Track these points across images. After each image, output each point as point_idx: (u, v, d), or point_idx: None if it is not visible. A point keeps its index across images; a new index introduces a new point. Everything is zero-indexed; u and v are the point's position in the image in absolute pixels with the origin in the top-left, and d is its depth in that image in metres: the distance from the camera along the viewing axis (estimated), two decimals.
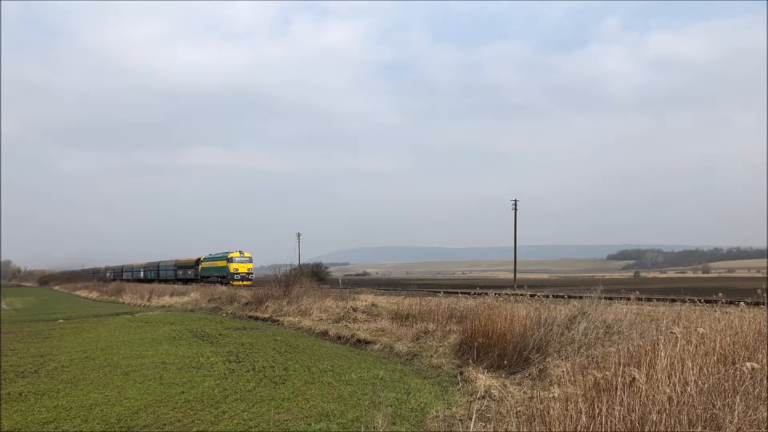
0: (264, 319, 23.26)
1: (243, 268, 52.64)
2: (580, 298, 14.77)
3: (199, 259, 61.29)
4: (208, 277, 56.89)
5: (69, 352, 14.97)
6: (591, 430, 4.98)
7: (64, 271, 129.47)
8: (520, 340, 10.74)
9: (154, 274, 74.43)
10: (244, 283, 48.39)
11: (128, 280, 74.30)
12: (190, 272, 62.74)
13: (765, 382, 5.34)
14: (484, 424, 7.12)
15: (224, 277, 51.71)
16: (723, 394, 5.22)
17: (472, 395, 8.42)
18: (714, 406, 5.03)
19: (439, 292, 30.31)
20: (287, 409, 8.42)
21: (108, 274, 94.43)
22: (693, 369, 5.60)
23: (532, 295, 18.64)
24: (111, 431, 7.61)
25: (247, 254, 53.78)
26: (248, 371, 11.58)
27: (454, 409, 7.95)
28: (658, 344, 6.31)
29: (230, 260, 52.72)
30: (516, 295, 20.37)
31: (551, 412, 5.34)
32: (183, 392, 9.73)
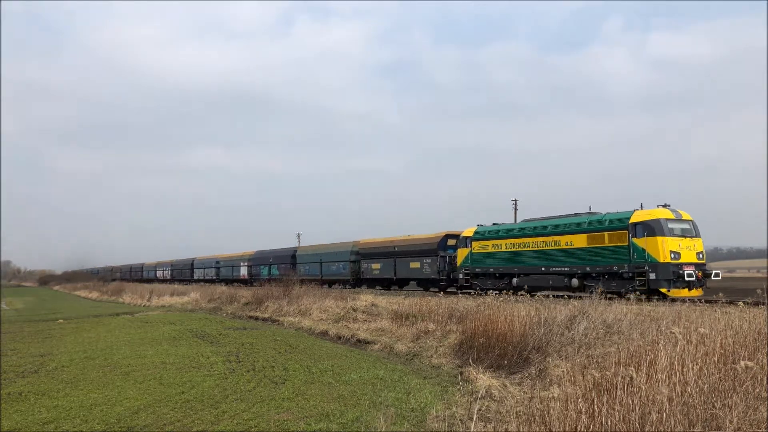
0: (264, 319, 23.27)
1: (690, 253, 20.56)
2: (580, 298, 14.80)
3: (447, 238, 30.16)
4: (523, 275, 25.42)
5: (69, 352, 14.96)
6: (591, 430, 4.98)
7: (64, 271, 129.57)
8: (520, 340, 10.74)
9: (281, 270, 42.20)
10: (693, 293, 20.06)
11: (209, 281, 49.47)
12: (425, 265, 31.36)
13: (765, 382, 5.34)
14: (484, 424, 7.12)
15: (621, 278, 21.16)
16: (723, 394, 5.23)
17: (472, 395, 8.42)
18: (714, 406, 5.04)
19: (439, 292, 30.34)
20: (287, 409, 8.43)
21: (159, 272, 74.70)
22: (693, 369, 5.60)
23: (532, 295, 18.69)
24: (111, 431, 7.61)
25: (686, 215, 21.46)
26: (248, 371, 11.57)
27: (454, 409, 7.95)
28: (658, 344, 6.32)
29: (658, 229, 20.35)
30: (516, 295, 20.38)
31: (551, 412, 5.34)
32: (183, 392, 9.73)
